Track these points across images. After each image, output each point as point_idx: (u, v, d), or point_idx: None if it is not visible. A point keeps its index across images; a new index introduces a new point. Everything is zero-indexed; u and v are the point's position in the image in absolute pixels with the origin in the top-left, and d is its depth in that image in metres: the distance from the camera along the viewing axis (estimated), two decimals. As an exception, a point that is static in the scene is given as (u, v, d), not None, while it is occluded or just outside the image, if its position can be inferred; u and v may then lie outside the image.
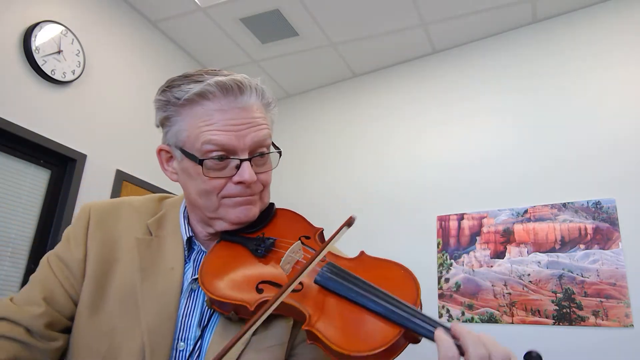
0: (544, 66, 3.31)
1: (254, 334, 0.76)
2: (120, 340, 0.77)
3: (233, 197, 0.82)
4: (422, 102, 3.77)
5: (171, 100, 0.81)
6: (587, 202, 2.89)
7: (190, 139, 0.80)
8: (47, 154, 2.84)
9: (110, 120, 3.21)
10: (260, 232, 0.88)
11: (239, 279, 0.80)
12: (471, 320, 3.01)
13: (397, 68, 3.99)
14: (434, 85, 3.76)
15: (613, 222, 2.78)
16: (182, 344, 0.78)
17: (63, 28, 2.92)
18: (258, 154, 0.82)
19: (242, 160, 0.80)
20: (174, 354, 0.77)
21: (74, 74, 2.95)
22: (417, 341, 0.68)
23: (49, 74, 2.80)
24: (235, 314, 0.77)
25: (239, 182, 0.80)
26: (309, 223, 0.89)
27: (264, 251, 0.82)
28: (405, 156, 3.69)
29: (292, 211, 0.92)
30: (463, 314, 3.06)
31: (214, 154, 0.78)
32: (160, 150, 0.87)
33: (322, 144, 4.16)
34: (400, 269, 0.76)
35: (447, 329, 0.63)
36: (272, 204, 0.91)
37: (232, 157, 0.79)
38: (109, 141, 3.18)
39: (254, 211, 0.84)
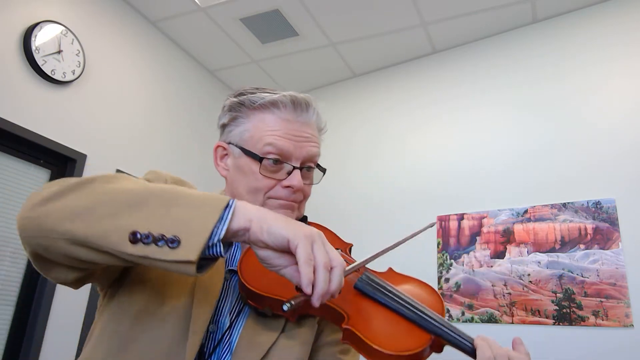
0: (544, 66, 3.32)
1: (283, 330, 0.81)
2: (170, 295, 0.79)
3: (278, 199, 0.87)
4: (421, 101, 3.77)
5: (245, 103, 0.90)
6: (587, 202, 2.90)
7: (253, 139, 0.88)
8: (47, 154, 2.84)
9: (110, 120, 3.21)
10: None
11: (278, 276, 0.81)
12: (471, 320, 3.01)
13: (397, 68, 3.99)
14: (434, 85, 3.76)
15: (613, 222, 2.79)
16: (212, 326, 0.80)
17: (63, 28, 2.92)
18: (307, 167, 0.90)
19: (294, 167, 0.87)
20: (205, 333, 0.79)
21: (74, 74, 2.95)
22: (440, 350, 0.74)
23: (49, 74, 2.80)
24: (270, 310, 0.78)
25: (287, 187, 0.86)
26: (339, 238, 0.94)
27: None
28: (406, 155, 3.69)
29: (323, 226, 0.95)
30: (463, 314, 3.06)
31: (272, 156, 0.86)
32: (217, 147, 0.94)
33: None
34: (426, 285, 0.85)
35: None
36: (305, 216, 0.94)
37: (286, 162, 0.87)
38: (109, 141, 3.18)
39: (291, 217, 0.88)
